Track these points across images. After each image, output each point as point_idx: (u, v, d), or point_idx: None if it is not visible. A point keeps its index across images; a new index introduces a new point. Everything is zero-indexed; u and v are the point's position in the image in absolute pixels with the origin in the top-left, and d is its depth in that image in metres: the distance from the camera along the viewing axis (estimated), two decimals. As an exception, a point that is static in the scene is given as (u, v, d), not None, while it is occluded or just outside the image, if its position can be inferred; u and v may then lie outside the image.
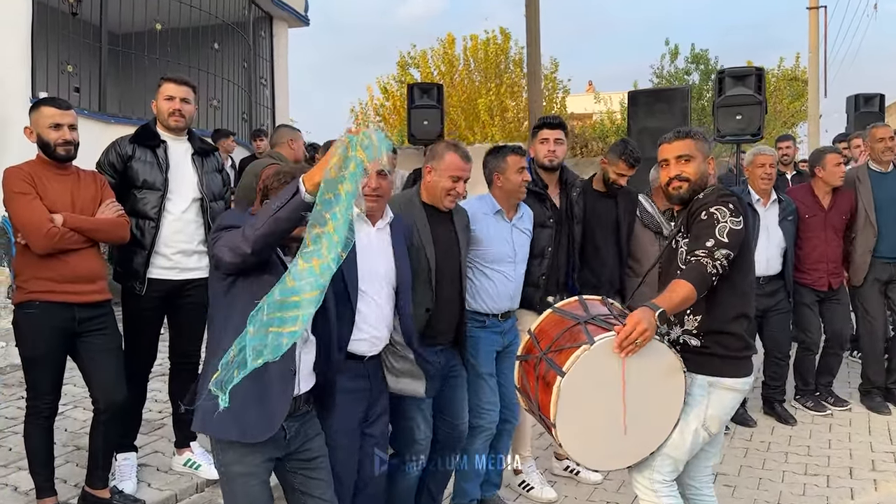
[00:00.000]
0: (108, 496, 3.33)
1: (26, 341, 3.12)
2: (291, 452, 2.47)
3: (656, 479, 2.67)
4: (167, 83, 3.63)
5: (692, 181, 2.71)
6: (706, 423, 2.64)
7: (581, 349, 2.40)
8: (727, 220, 2.56)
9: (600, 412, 2.48)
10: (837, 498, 3.92)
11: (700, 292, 2.48)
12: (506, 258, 3.47)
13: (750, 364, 2.73)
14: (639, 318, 2.36)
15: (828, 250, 5.10)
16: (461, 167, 3.10)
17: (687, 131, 2.78)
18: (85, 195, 3.22)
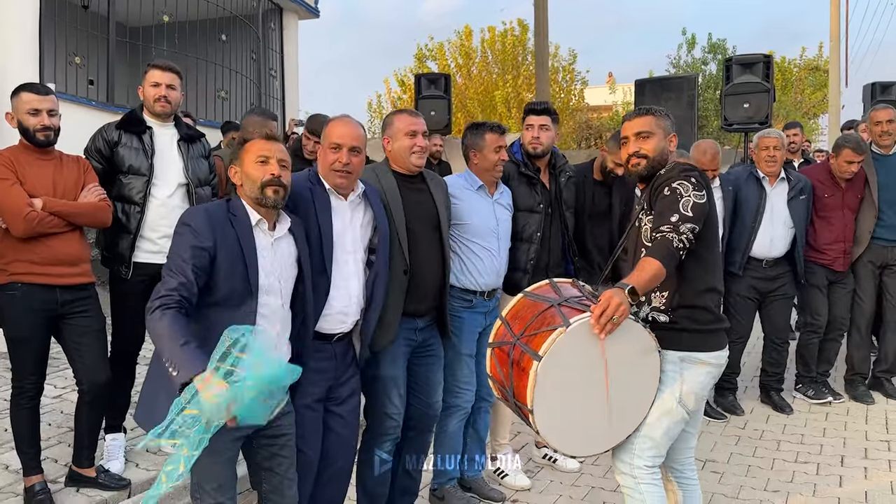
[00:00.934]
0: (94, 475, 3.39)
1: (9, 322, 3.18)
2: (262, 428, 2.48)
3: (637, 465, 2.63)
4: (153, 70, 3.67)
5: (650, 158, 2.71)
6: (682, 399, 2.62)
7: (557, 332, 2.36)
8: (690, 195, 2.55)
9: (579, 396, 2.44)
10: (825, 486, 3.89)
11: (668, 267, 2.48)
12: (490, 233, 3.48)
13: (722, 337, 2.72)
14: (610, 294, 2.35)
15: (845, 230, 5.03)
16: (411, 122, 3.10)
17: (647, 109, 2.80)
18: (67, 180, 3.26)
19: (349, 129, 2.81)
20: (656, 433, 2.62)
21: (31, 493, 3.21)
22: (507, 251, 3.62)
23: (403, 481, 3.39)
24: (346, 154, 2.75)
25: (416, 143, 3.10)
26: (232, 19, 9.92)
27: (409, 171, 3.17)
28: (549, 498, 3.77)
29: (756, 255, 4.83)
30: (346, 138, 2.78)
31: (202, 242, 2.34)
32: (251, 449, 2.57)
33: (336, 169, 2.76)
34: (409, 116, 3.16)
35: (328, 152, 2.79)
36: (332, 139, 2.79)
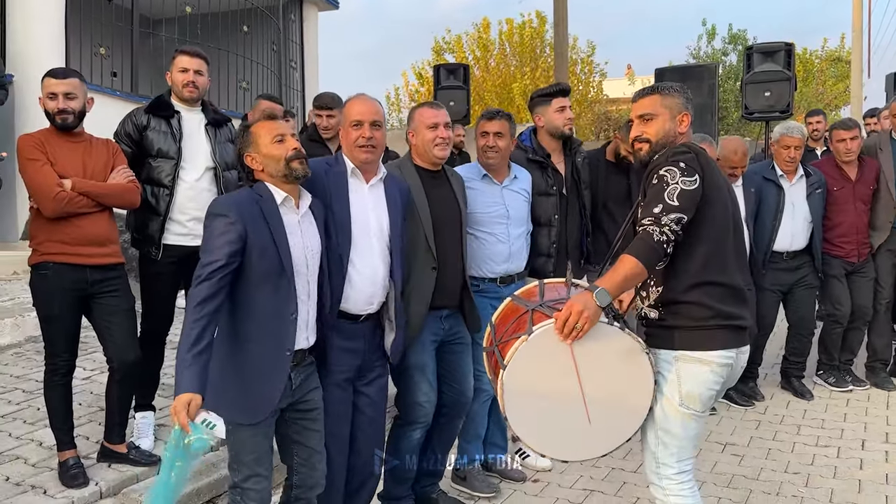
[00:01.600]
0: (125, 451, 3.48)
1: (41, 301, 3.26)
2: (294, 402, 2.57)
3: (663, 474, 2.48)
4: (181, 55, 3.74)
5: (653, 142, 2.51)
6: (683, 401, 2.41)
7: (520, 340, 2.32)
8: (678, 182, 2.33)
9: (555, 402, 2.37)
10: (846, 468, 3.90)
11: (648, 264, 2.30)
12: (496, 219, 3.49)
13: (730, 336, 2.44)
14: (572, 302, 2.25)
15: (857, 222, 5.03)
16: (433, 114, 3.14)
17: (654, 87, 2.58)
18: (97, 162, 3.34)
19: (368, 105, 2.87)
20: (671, 437, 2.45)
21: (65, 468, 3.30)
22: (522, 237, 3.61)
23: (431, 465, 3.42)
24: (368, 129, 2.80)
25: (438, 134, 3.12)
26: (253, 11, 10.02)
27: (433, 164, 3.21)
28: (569, 478, 3.81)
29: (778, 249, 4.85)
30: (366, 114, 2.83)
31: (233, 229, 2.38)
32: (283, 423, 2.63)
33: (360, 144, 2.80)
34: (431, 109, 3.20)
35: (350, 130, 2.83)
36: (353, 117, 2.84)
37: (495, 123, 3.48)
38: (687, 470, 2.49)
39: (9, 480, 3.29)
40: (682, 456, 2.48)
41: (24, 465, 3.44)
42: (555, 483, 3.77)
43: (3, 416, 4.04)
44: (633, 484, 3.74)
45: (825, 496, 3.58)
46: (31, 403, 4.22)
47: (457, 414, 3.39)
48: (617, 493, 3.65)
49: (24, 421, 3.97)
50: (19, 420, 3.99)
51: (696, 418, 2.45)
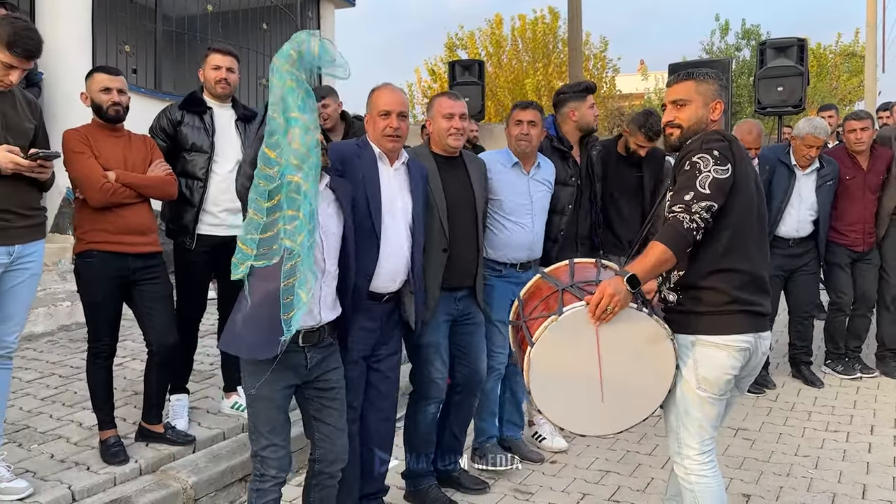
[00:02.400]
0: (162, 431, 3.64)
1: (86, 287, 3.43)
2: (311, 381, 2.70)
3: (686, 454, 2.56)
4: (214, 53, 3.90)
5: (684, 128, 2.55)
6: (700, 384, 2.49)
7: (549, 319, 2.42)
8: (710, 170, 2.38)
9: (578, 380, 2.47)
10: (855, 451, 4.02)
11: (677, 251, 2.36)
12: (523, 209, 3.64)
13: (747, 321, 2.50)
14: (605, 285, 2.33)
15: (865, 212, 5.14)
16: (449, 104, 3.29)
17: (690, 72, 2.61)
18: (136, 155, 3.51)
19: (396, 96, 3.01)
20: (691, 419, 2.53)
21: (106, 446, 3.47)
22: (542, 226, 3.77)
23: (449, 442, 3.59)
24: (395, 119, 2.96)
25: (453, 125, 3.28)
26: (272, 9, 10.17)
27: (447, 153, 3.35)
28: (586, 460, 3.96)
29: (783, 236, 4.96)
30: (394, 105, 2.98)
31: None
32: (304, 400, 2.77)
33: (388, 134, 2.96)
34: (448, 99, 3.35)
35: (378, 119, 2.98)
36: (381, 107, 2.98)
37: (529, 112, 3.65)
38: (708, 450, 2.56)
39: (53, 457, 3.46)
40: (703, 437, 2.54)
41: (66, 444, 3.62)
42: (572, 464, 3.91)
43: (42, 399, 4.23)
44: (647, 466, 3.88)
45: (834, 477, 3.71)
46: (68, 388, 4.41)
47: (471, 391, 3.55)
48: (632, 473, 3.79)
49: (63, 404, 4.16)
50: (58, 403, 4.17)
51: (712, 402, 2.51)
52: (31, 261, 3.12)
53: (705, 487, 2.56)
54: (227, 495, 3.53)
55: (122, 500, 3.17)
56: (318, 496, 2.84)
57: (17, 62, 2.92)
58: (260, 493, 2.66)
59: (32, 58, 2.98)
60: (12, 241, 3.01)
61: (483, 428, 3.82)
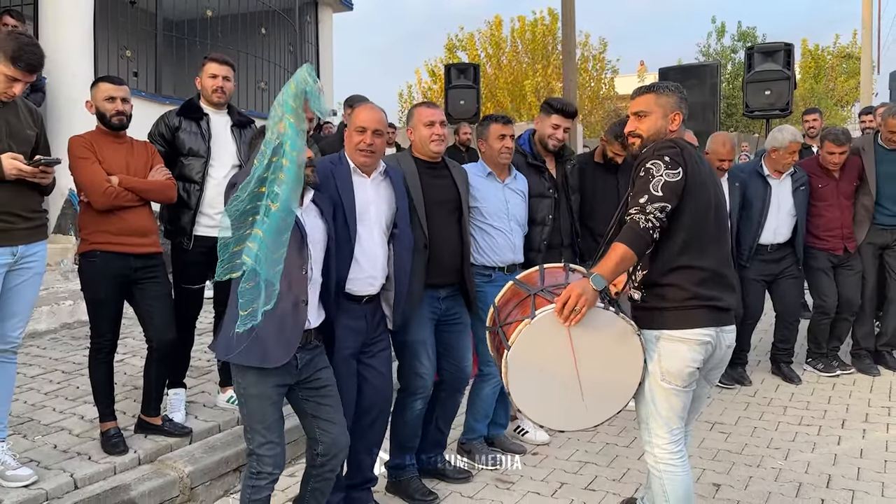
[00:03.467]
0: (160, 423, 3.82)
1: (89, 286, 3.60)
2: (302, 381, 2.83)
3: (656, 444, 2.73)
4: (210, 62, 4.07)
5: (644, 137, 2.74)
6: (664, 376, 2.64)
7: (523, 323, 2.57)
8: (662, 174, 2.56)
9: (554, 379, 2.61)
10: (824, 444, 4.19)
11: (637, 250, 2.53)
12: (501, 214, 3.80)
13: (706, 315, 2.65)
14: (572, 287, 2.48)
15: (842, 216, 5.29)
16: (430, 113, 3.47)
17: (650, 87, 2.80)
18: (138, 161, 3.68)
19: (373, 114, 3.17)
20: (660, 409, 2.70)
21: (106, 437, 3.64)
22: (520, 232, 3.91)
23: (434, 436, 3.76)
24: (370, 136, 3.12)
25: (434, 131, 3.46)
26: (271, 13, 10.36)
27: (431, 158, 3.53)
28: (566, 452, 4.13)
29: (762, 242, 5.13)
30: (370, 122, 3.13)
31: None
32: (299, 401, 2.90)
33: (361, 149, 3.12)
34: (427, 108, 3.53)
35: (354, 134, 3.15)
36: (358, 123, 3.14)
37: (510, 127, 3.85)
38: (677, 440, 2.73)
39: (56, 448, 3.64)
40: (671, 427, 2.70)
41: (68, 436, 3.80)
42: (553, 456, 4.08)
43: (46, 393, 4.41)
44: (624, 457, 4.05)
45: (801, 468, 3.87)
46: (70, 382, 4.59)
47: (456, 389, 3.71)
48: (609, 464, 3.96)
49: (65, 398, 4.34)
50: (61, 397, 4.35)
51: (677, 393, 2.67)
52: (34, 261, 3.30)
53: (673, 475, 2.73)
54: (222, 484, 3.70)
55: (121, 488, 3.34)
56: (318, 486, 2.97)
57: (21, 75, 3.09)
58: (255, 489, 2.78)
59: (35, 71, 3.16)
60: (15, 242, 3.18)
61: (474, 427, 3.98)
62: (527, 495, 3.63)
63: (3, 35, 3.18)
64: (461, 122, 9.41)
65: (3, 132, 3.13)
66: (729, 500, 3.53)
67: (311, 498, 2.99)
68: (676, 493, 2.72)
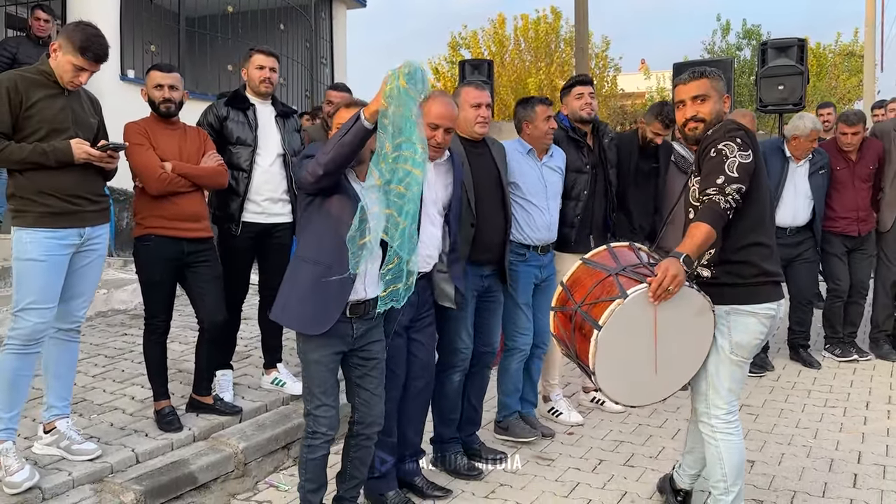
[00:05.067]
0: (212, 402, 3.94)
1: (144, 269, 3.72)
2: (355, 349, 2.96)
3: (713, 414, 2.85)
4: (258, 54, 4.19)
5: (707, 121, 2.82)
6: (733, 349, 2.78)
7: (615, 303, 2.58)
8: (735, 155, 2.65)
9: (635, 356, 2.69)
10: (851, 424, 4.33)
11: (717, 229, 2.60)
12: (539, 192, 3.94)
13: (770, 290, 2.80)
14: (666, 266, 2.52)
15: (857, 199, 5.43)
16: (476, 94, 3.56)
17: (702, 71, 2.87)
18: (190, 147, 3.80)
19: (446, 109, 3.19)
20: (722, 381, 2.82)
21: (161, 415, 3.76)
22: (557, 209, 4.06)
23: (468, 413, 3.87)
24: (441, 134, 3.20)
25: (480, 113, 3.58)
26: (288, 9, 10.48)
27: (473, 138, 3.64)
28: (601, 432, 4.26)
29: (780, 225, 5.24)
30: (443, 119, 3.17)
31: None
32: (348, 367, 3.04)
33: (432, 145, 3.17)
34: (475, 90, 3.62)
35: (426, 127, 3.12)
36: (432, 118, 3.12)
37: (552, 108, 3.99)
38: (734, 410, 2.88)
39: (113, 426, 3.76)
40: (731, 398, 2.85)
41: (122, 415, 3.92)
42: (588, 435, 4.21)
43: (93, 376, 4.53)
44: (658, 437, 4.18)
45: (832, 446, 4.01)
46: (115, 366, 4.71)
47: (485, 363, 3.84)
48: (644, 443, 4.10)
49: (113, 380, 4.46)
50: (108, 379, 4.47)
51: (741, 365, 2.84)
52: (99, 243, 3.42)
53: (730, 443, 2.87)
54: (272, 461, 3.83)
55: (181, 463, 3.47)
56: (357, 455, 3.10)
57: (88, 65, 3.22)
58: (311, 448, 2.95)
59: (100, 61, 3.28)
60: (84, 223, 3.30)
61: (506, 403, 4.11)
62: (567, 471, 3.76)
63: (70, 26, 3.30)
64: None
65: (69, 119, 3.25)
66: (765, 475, 3.66)
67: (353, 468, 3.11)
68: (732, 459, 2.87)
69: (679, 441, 4.08)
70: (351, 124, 2.64)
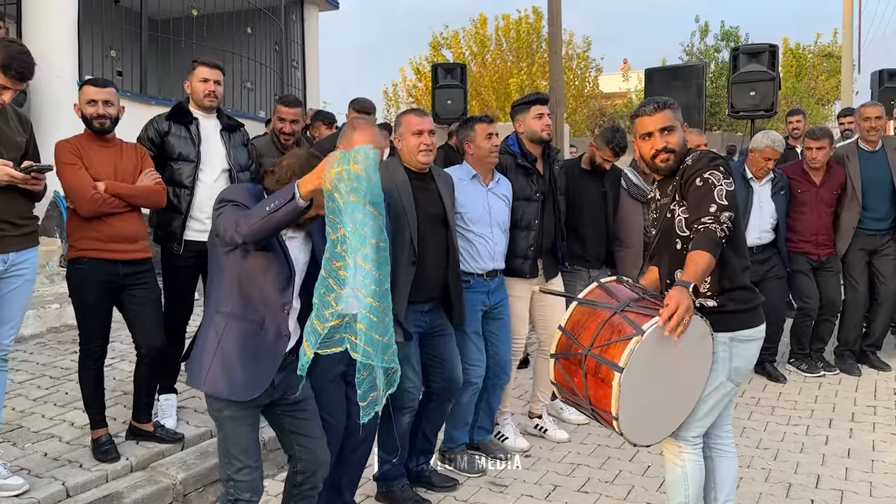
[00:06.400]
0: (152, 429, 3.80)
1: (77, 292, 3.57)
2: (278, 399, 2.74)
3: (683, 437, 2.78)
4: (201, 66, 4.04)
5: (678, 151, 2.79)
6: (731, 376, 2.75)
7: (633, 341, 2.43)
8: (722, 184, 2.64)
9: (654, 394, 2.58)
10: (812, 444, 4.24)
11: (716, 257, 2.57)
12: (483, 220, 3.77)
13: (762, 311, 2.83)
14: (678, 298, 2.40)
15: (818, 223, 5.37)
16: (418, 121, 3.38)
17: (664, 102, 2.82)
18: (126, 165, 3.65)
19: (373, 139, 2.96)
20: (704, 407, 2.75)
21: (98, 444, 3.61)
22: (501, 236, 3.87)
23: (422, 444, 3.71)
24: None
25: (423, 141, 3.38)
26: (256, 12, 10.30)
27: (418, 169, 3.46)
28: (558, 454, 4.15)
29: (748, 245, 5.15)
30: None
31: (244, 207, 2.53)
32: (276, 418, 2.81)
33: None
34: (416, 116, 3.44)
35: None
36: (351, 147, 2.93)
37: (495, 126, 3.82)
38: (702, 434, 2.83)
39: (47, 456, 3.61)
40: (705, 424, 2.80)
41: (59, 443, 3.77)
42: (544, 458, 4.10)
43: (34, 399, 4.37)
44: (616, 458, 4.07)
45: (791, 468, 3.92)
46: (59, 388, 4.55)
47: (447, 399, 3.65)
48: (601, 466, 3.99)
49: (54, 404, 4.30)
50: (50, 403, 4.31)
51: (733, 389, 2.80)
52: (25, 268, 3.27)
53: (696, 465, 2.84)
54: (215, 490, 3.67)
55: (114, 496, 3.32)
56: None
57: (11, 84, 3.06)
58: None
59: (25, 80, 3.12)
60: (7, 249, 3.16)
61: (454, 436, 3.92)
62: (520, 498, 3.64)
63: None
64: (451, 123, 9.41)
65: None
66: (720, 502, 3.55)
67: None
68: (696, 480, 2.83)
69: (638, 464, 3.98)
70: (284, 201, 2.39)
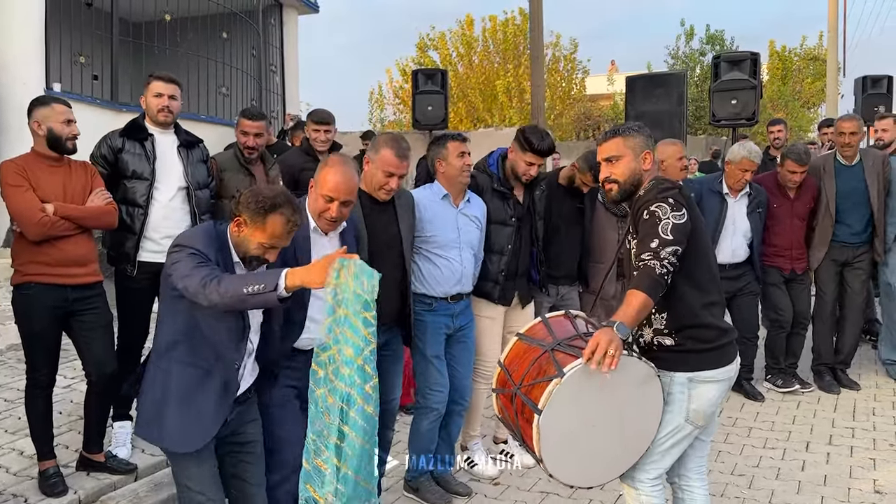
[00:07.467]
0: (104, 460, 3.65)
1: (23, 319, 3.42)
2: (227, 435, 2.68)
3: (639, 478, 2.69)
4: (155, 81, 3.89)
5: (621, 182, 2.69)
6: (689, 417, 2.63)
7: (553, 383, 2.39)
8: (668, 217, 2.52)
9: (585, 434, 2.50)
10: (788, 470, 4.13)
11: (654, 296, 2.47)
12: (451, 243, 3.63)
13: (730, 351, 2.68)
14: (598, 337, 2.35)
15: (793, 237, 5.28)
16: (395, 164, 3.22)
17: (615, 130, 2.75)
18: (76, 185, 3.50)
19: (346, 180, 2.87)
20: (661, 448, 2.66)
21: (44, 477, 3.46)
22: (471, 258, 3.73)
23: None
24: (336, 208, 2.86)
25: (390, 183, 3.26)
26: (232, 16, 10.13)
27: (377, 197, 3.32)
28: (528, 482, 4.02)
29: (720, 262, 5.03)
30: (340, 192, 2.85)
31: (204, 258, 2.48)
32: (220, 457, 2.72)
33: (326, 218, 2.90)
34: (395, 158, 3.23)
35: (320, 199, 2.88)
36: (327, 190, 2.85)
37: (468, 144, 3.69)
38: (660, 475, 2.73)
39: (-9, 489, 3.45)
40: (663, 466, 2.70)
41: (5, 474, 3.61)
42: (514, 486, 3.97)
43: (-15, 424, 4.20)
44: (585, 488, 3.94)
45: (766, 497, 3.81)
46: (12, 413, 4.38)
47: (385, 424, 3.45)
48: (571, 495, 3.86)
49: (5, 430, 4.13)
50: (0, 430, 4.15)
51: (692, 433, 2.66)
52: None
53: (658, 501, 2.72)
54: (168, 524, 3.54)
55: (57, 534, 3.17)
56: None
57: None
58: None
59: None
60: None
61: (417, 463, 3.78)
62: (485, 532, 3.51)
63: None
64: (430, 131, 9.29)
65: None
66: (691, 536, 3.44)
67: None
68: None
69: (609, 492, 3.86)
70: (265, 289, 2.31)
